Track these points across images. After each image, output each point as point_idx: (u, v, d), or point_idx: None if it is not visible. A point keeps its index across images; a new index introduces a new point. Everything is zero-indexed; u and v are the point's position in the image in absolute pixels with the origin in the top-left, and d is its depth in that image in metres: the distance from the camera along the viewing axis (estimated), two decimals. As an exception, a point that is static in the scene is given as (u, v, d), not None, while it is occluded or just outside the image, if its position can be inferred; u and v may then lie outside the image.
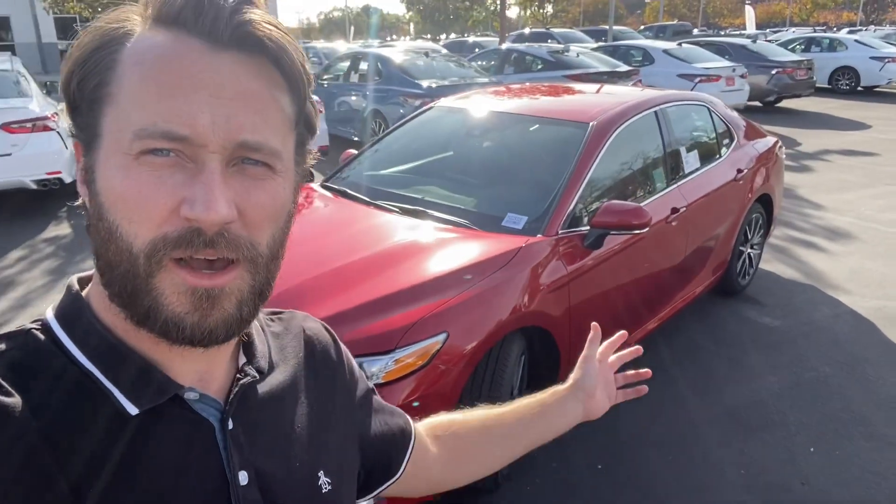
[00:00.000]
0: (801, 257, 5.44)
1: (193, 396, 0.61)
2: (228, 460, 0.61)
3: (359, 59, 9.98)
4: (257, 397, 0.67)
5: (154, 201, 0.52)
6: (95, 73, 0.54)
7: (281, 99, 0.57)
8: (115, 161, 0.53)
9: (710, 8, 62.09)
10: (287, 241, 0.63)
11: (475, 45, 19.03)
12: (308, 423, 0.71)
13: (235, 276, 0.56)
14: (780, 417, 3.29)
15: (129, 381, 0.58)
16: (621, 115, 3.49)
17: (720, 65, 12.00)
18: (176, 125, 0.52)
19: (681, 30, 24.86)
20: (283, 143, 0.58)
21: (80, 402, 0.56)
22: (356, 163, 3.90)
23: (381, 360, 2.31)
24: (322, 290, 2.57)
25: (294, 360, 0.75)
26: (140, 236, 0.53)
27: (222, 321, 0.56)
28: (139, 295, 0.54)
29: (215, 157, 0.53)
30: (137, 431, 0.57)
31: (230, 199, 0.53)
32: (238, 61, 0.54)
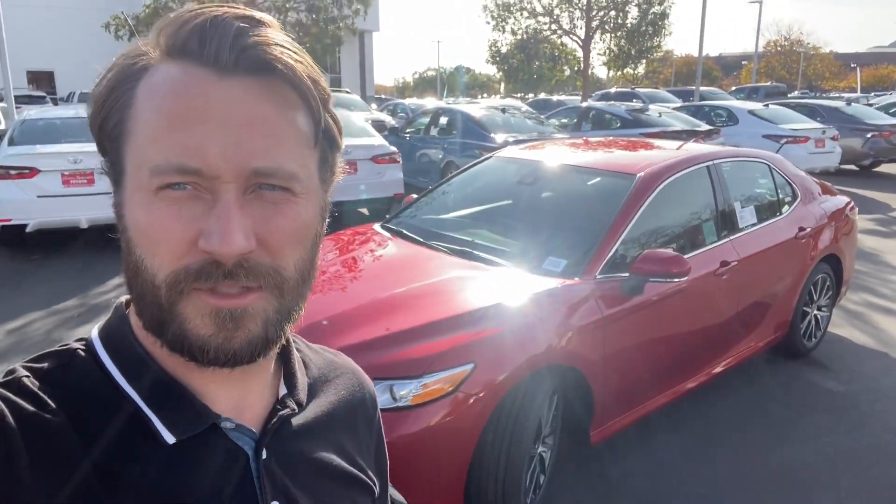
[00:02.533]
0: (878, 324, 5.19)
1: (230, 426, 0.62)
2: (261, 489, 0.62)
3: (439, 114, 10.45)
4: (292, 429, 0.67)
5: (173, 235, 0.53)
6: (116, 111, 0.56)
7: (296, 118, 0.57)
8: (137, 197, 0.55)
9: (811, 70, 60.31)
10: (318, 262, 0.63)
11: (559, 104, 19.37)
12: (340, 462, 0.72)
13: (259, 297, 0.56)
14: (832, 481, 3.16)
15: (168, 408, 0.59)
16: (669, 169, 3.57)
17: (808, 126, 11.68)
18: (187, 159, 0.52)
19: (774, 91, 24.29)
20: (300, 164, 0.57)
21: (121, 426, 0.57)
22: (416, 206, 4.14)
23: (410, 384, 2.46)
24: (364, 317, 2.77)
25: (334, 397, 0.75)
26: (162, 269, 0.54)
27: (247, 342, 0.56)
28: (166, 323, 0.56)
29: (230, 186, 0.53)
30: (175, 458, 0.58)
31: (248, 229, 0.53)
32: (246, 86, 0.54)
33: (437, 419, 2.45)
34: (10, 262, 6.74)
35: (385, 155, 8.01)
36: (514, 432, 2.61)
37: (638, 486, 3.11)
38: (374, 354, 2.56)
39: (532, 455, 2.75)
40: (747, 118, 12.09)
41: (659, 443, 3.46)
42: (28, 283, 6.05)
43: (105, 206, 3.82)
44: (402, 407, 2.44)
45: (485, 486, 2.58)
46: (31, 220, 6.53)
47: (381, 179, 7.91)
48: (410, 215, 4.05)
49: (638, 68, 26.19)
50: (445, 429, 2.46)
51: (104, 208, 6.73)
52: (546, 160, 3.94)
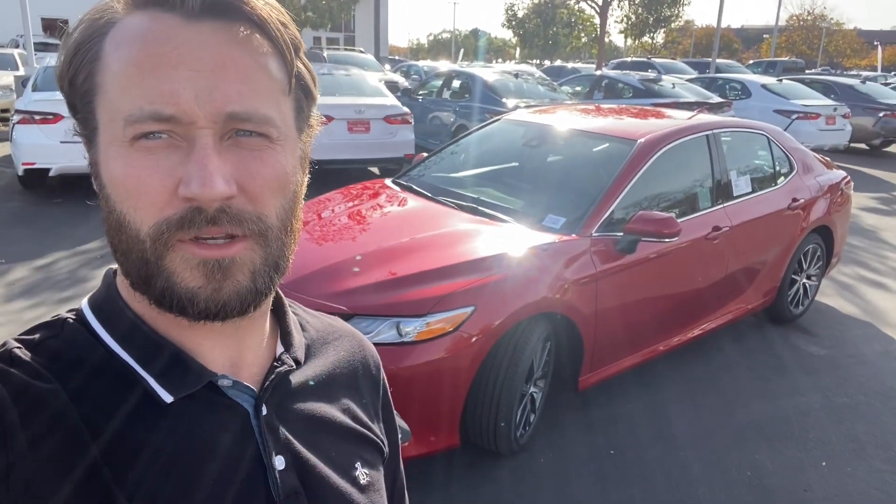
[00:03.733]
0: (866, 296, 5.39)
1: (227, 383, 0.62)
2: (264, 445, 0.62)
3: (452, 77, 10.54)
4: (292, 386, 0.68)
5: (152, 186, 0.52)
6: (83, 66, 0.55)
7: (267, 64, 0.56)
8: (113, 150, 0.54)
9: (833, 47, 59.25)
10: (301, 214, 0.63)
11: (574, 71, 19.30)
12: (344, 419, 0.72)
13: (245, 247, 0.55)
14: (801, 433, 3.41)
15: (163, 369, 0.59)
16: (669, 136, 3.74)
17: (820, 103, 11.70)
18: (160, 105, 0.51)
19: (793, 67, 24.04)
20: (276, 110, 0.57)
21: (117, 390, 0.57)
22: (426, 164, 4.33)
23: (415, 322, 2.70)
24: (375, 261, 2.99)
25: (334, 358, 0.75)
26: (145, 222, 0.53)
27: (235, 293, 0.56)
28: (153, 277, 0.55)
29: (206, 132, 0.53)
30: (174, 418, 0.58)
31: (227, 174, 0.53)
32: (215, 30, 0.53)
33: (438, 355, 2.69)
34: (34, 205, 6.99)
35: (397, 115, 8.14)
36: (508, 370, 2.85)
37: (620, 430, 3.36)
38: (383, 294, 2.79)
39: (524, 393, 3.00)
40: (760, 92, 12.10)
41: (641, 393, 3.70)
42: (51, 225, 6.31)
43: None
44: (406, 342, 2.68)
45: (479, 418, 2.84)
46: (55, 165, 6.75)
47: (392, 139, 8.07)
48: (421, 172, 4.25)
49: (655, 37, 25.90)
50: (445, 364, 2.71)
51: None
52: (552, 124, 4.11)
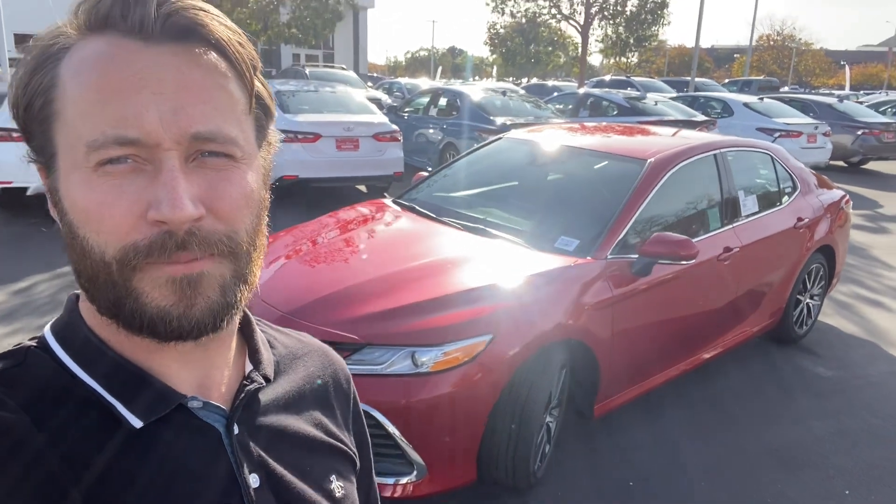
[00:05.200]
0: (866, 315, 5.37)
1: (197, 405, 0.61)
2: (237, 464, 0.61)
3: (438, 95, 10.47)
4: (262, 403, 0.67)
5: (117, 210, 0.52)
6: (39, 93, 0.54)
7: (227, 84, 0.56)
8: (74, 177, 0.53)
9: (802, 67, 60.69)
10: (265, 230, 0.63)
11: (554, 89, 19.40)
12: (316, 433, 0.72)
13: (214, 262, 0.55)
14: (819, 460, 3.32)
15: (131, 394, 0.58)
16: (679, 155, 3.67)
17: (802, 121, 11.86)
18: (124, 129, 0.51)
19: (767, 85, 24.50)
20: (239, 129, 0.57)
21: (85, 418, 0.56)
22: (427, 183, 4.21)
23: (431, 351, 2.56)
24: (383, 288, 2.85)
25: (303, 373, 0.75)
26: (110, 245, 0.53)
27: (207, 309, 0.56)
28: (121, 299, 0.54)
29: (172, 154, 0.52)
30: (145, 443, 0.57)
31: (195, 196, 0.53)
32: (175, 53, 0.53)
33: (455, 386, 2.55)
34: (10, 225, 6.73)
35: (386, 133, 8.04)
36: (527, 401, 2.72)
37: (637, 458, 3.24)
38: (396, 322, 2.65)
39: (541, 424, 2.86)
40: (742, 111, 12.23)
41: (656, 420, 3.59)
42: (29, 246, 6.06)
43: None
44: (422, 373, 2.54)
45: (497, 451, 2.70)
46: (32, 184, 6.50)
47: (381, 157, 7.95)
48: (422, 192, 4.12)
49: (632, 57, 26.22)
50: (463, 395, 2.57)
51: None
52: (557, 143, 4.02)
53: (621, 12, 21.12)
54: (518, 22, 22.61)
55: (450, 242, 3.31)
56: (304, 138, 7.35)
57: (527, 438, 2.72)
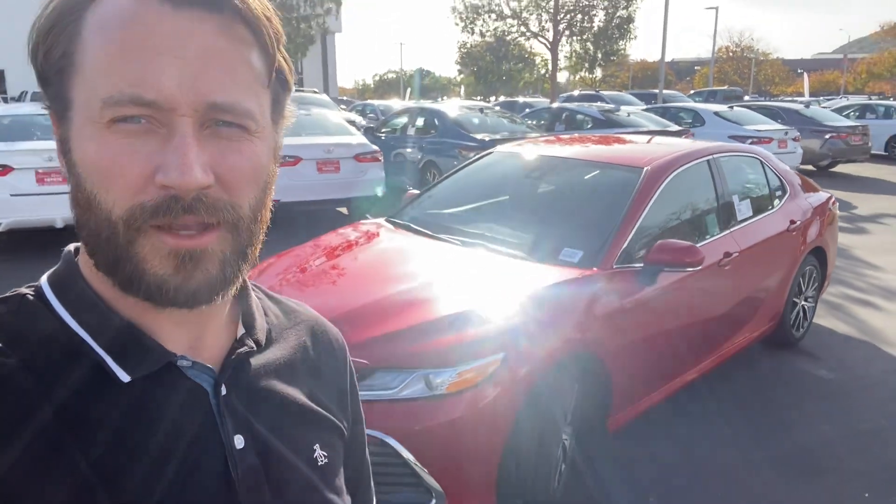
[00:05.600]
0: (857, 314, 5.39)
1: (186, 364, 0.61)
2: (223, 424, 0.61)
3: (416, 114, 10.45)
4: (252, 367, 0.67)
5: (128, 170, 0.52)
6: (60, 42, 0.54)
7: (249, 55, 0.56)
8: (87, 131, 0.53)
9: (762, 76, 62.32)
10: (270, 204, 0.63)
11: (525, 105, 19.57)
12: (304, 401, 0.71)
13: (217, 237, 0.55)
14: (835, 464, 3.27)
15: (121, 349, 0.58)
16: (674, 162, 3.65)
17: (772, 127, 12.08)
18: (142, 89, 0.51)
19: (732, 95, 25.01)
20: (256, 102, 0.57)
21: (75, 368, 0.57)
22: (419, 201, 4.13)
23: (445, 373, 2.46)
24: (391, 308, 2.75)
25: (295, 342, 0.75)
26: (118, 204, 0.53)
27: (205, 282, 0.56)
28: (121, 261, 0.54)
29: (186, 120, 0.52)
30: (132, 398, 0.57)
31: (205, 164, 0.53)
32: (201, 19, 0.53)
33: (471, 407, 2.45)
34: (-20, 263, 6.48)
35: (367, 153, 7.96)
36: (545, 419, 2.64)
37: (653, 471, 3.16)
38: (406, 344, 2.55)
39: (559, 441, 2.77)
40: (713, 119, 12.43)
41: (666, 432, 3.52)
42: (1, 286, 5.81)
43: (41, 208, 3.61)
44: (437, 395, 2.44)
45: (516, 472, 2.60)
46: (4, 220, 6.28)
47: (363, 178, 7.86)
48: (415, 210, 4.04)
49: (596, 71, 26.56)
50: (479, 416, 2.47)
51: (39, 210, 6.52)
52: (550, 155, 3.98)
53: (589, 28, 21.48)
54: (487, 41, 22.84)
55: (451, 259, 3.22)
56: (284, 162, 7.23)
57: (546, 457, 2.63)
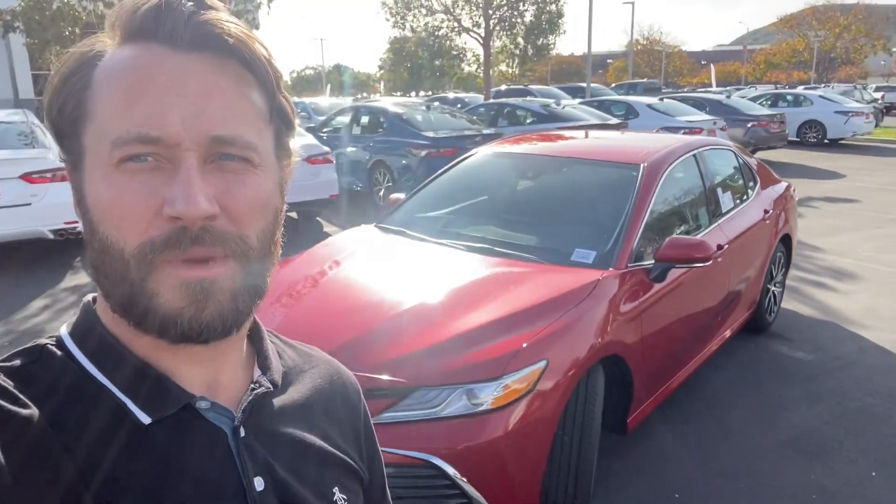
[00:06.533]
0: (814, 296, 5.65)
1: (205, 405, 0.62)
2: (243, 467, 0.62)
3: (360, 113, 10.21)
4: (269, 409, 0.68)
5: (137, 206, 0.54)
6: (73, 95, 0.57)
7: (250, 93, 0.58)
8: (98, 174, 0.55)
9: (671, 68, 65.00)
10: (280, 238, 0.64)
11: (457, 101, 19.57)
12: (321, 444, 0.72)
13: (227, 269, 0.57)
14: (836, 445, 3.39)
15: (141, 391, 0.59)
16: (668, 157, 3.68)
17: (702, 118, 12.56)
18: (148, 128, 0.53)
19: (651, 87, 25.93)
20: (258, 137, 0.59)
21: (96, 414, 0.57)
22: (407, 206, 3.99)
23: (490, 386, 2.36)
24: (418, 321, 2.63)
25: (311, 385, 0.75)
26: (129, 242, 0.54)
27: (218, 314, 0.57)
28: (135, 298, 0.56)
29: (191, 154, 0.54)
30: (153, 440, 0.58)
31: (210, 195, 0.54)
32: (202, 61, 0.56)
33: (517, 420, 2.37)
34: None
35: (319, 155, 7.71)
36: (584, 425, 2.59)
37: (670, 467, 3.17)
38: (446, 358, 2.44)
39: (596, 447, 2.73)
40: (646, 111, 12.80)
41: (670, 427, 3.55)
42: (-69, 312, 5.27)
43: (12, 221, 3.47)
44: (482, 411, 2.34)
45: (559, 481, 2.54)
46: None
47: (316, 180, 7.61)
48: (405, 215, 3.90)
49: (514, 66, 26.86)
50: (525, 429, 2.39)
51: (11, 222, 6.05)
52: (541, 153, 3.94)
53: (519, 22, 21.68)
54: (420, 37, 22.69)
55: (461, 266, 3.12)
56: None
57: (588, 463, 2.58)
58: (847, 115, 17.20)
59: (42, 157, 6.20)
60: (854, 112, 17.33)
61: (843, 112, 17.32)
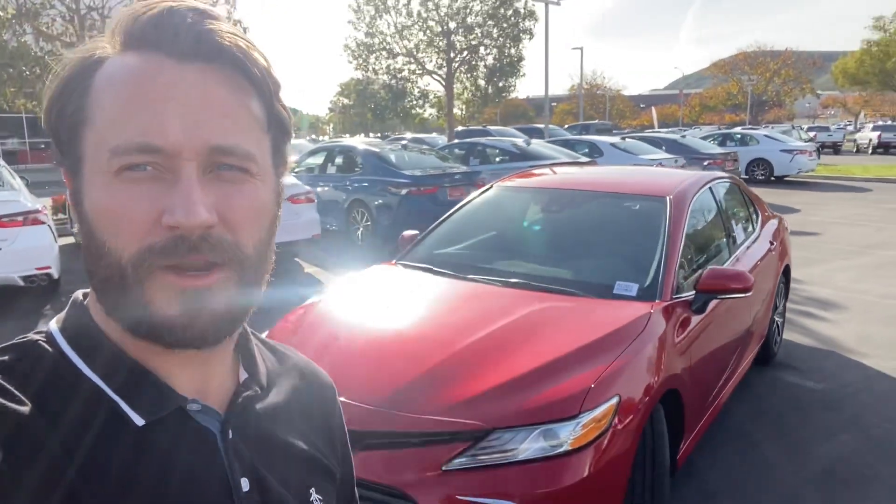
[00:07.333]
0: (808, 326, 5.76)
1: (196, 407, 0.63)
2: (230, 467, 0.63)
3: (335, 153, 10.10)
4: (254, 411, 0.69)
5: (136, 214, 0.54)
6: (72, 100, 0.57)
7: (249, 103, 0.59)
8: (97, 181, 0.56)
9: (614, 110, 67.40)
10: (274, 247, 0.65)
11: (418, 141, 19.68)
12: (300, 445, 0.73)
13: (222, 277, 0.57)
14: (872, 472, 3.39)
15: (134, 392, 0.59)
16: (691, 189, 3.71)
17: (663, 156, 12.94)
18: (149, 137, 0.54)
19: (603, 128, 26.73)
20: (257, 147, 0.60)
21: (89, 413, 0.57)
22: (426, 242, 3.89)
23: (568, 425, 2.26)
24: (480, 360, 2.52)
25: (289, 387, 0.76)
26: (127, 248, 0.55)
27: (211, 322, 0.57)
28: (130, 303, 0.56)
29: (190, 164, 0.55)
30: (145, 441, 0.58)
31: (209, 204, 0.55)
32: (203, 71, 0.56)
33: (596, 461, 2.27)
34: None
35: (301, 194, 7.56)
36: (655, 464, 2.50)
37: (720, 503, 3.11)
38: (521, 396, 2.33)
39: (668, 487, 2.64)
40: (610, 150, 13.12)
41: (707, 462, 3.50)
42: None
43: None
44: (560, 454, 2.22)
45: (634, 527, 2.43)
46: None
47: (298, 220, 7.43)
48: (424, 252, 3.80)
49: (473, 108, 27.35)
50: (603, 471, 2.29)
51: None
52: (564, 187, 3.92)
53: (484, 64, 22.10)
54: (384, 80, 22.87)
55: (502, 301, 3.03)
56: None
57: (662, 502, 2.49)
58: (792, 154, 18.04)
59: (13, 200, 5.86)
60: (798, 150, 18.21)
61: (788, 150, 18.17)
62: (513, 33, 21.98)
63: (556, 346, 2.58)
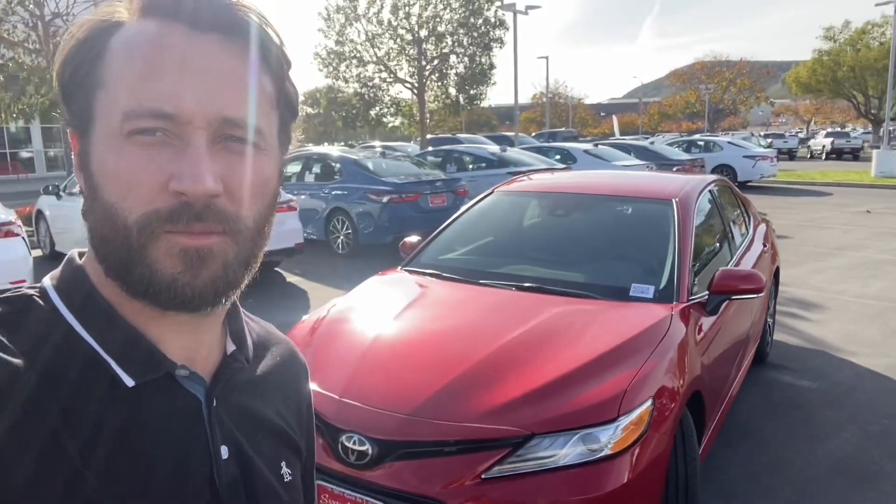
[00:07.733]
0: (794, 326, 5.87)
1: (184, 373, 0.64)
2: (212, 434, 0.64)
3: (312, 161, 9.97)
4: (238, 383, 0.70)
5: (144, 178, 0.55)
6: (87, 61, 0.58)
7: (262, 78, 0.61)
8: (107, 143, 0.57)
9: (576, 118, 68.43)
10: (273, 220, 0.66)
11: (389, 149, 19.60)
12: (275, 419, 0.74)
13: (221, 241, 0.58)
14: (877, 468, 3.45)
15: (126, 354, 0.60)
16: (693, 192, 3.73)
17: (636, 162, 13.14)
18: (162, 104, 0.55)
19: (569, 135, 27.17)
20: (266, 122, 0.61)
21: (80, 370, 0.58)
22: (432, 247, 3.83)
23: (608, 429, 2.23)
24: (509, 364, 2.47)
25: (270, 362, 0.78)
26: (133, 211, 0.56)
27: (211, 281, 0.58)
28: (133, 264, 0.57)
29: (201, 133, 0.56)
30: (133, 402, 0.59)
31: (216, 174, 0.56)
32: (219, 43, 0.57)
33: (635, 465, 2.24)
34: None
35: (283, 202, 7.41)
36: (689, 465, 2.48)
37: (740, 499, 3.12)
38: (559, 400, 2.29)
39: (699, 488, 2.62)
40: (583, 157, 13.26)
41: (717, 462, 3.51)
42: None
43: None
44: (601, 458, 2.19)
45: (670, 530, 2.41)
46: None
47: (281, 229, 7.27)
48: (430, 257, 3.74)
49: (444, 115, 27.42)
50: (642, 475, 2.26)
51: None
52: (568, 190, 3.91)
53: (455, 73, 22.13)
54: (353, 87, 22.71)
55: (522, 305, 3.00)
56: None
57: None
58: (755, 160, 18.51)
59: (-15, 211, 5.60)
60: (760, 156, 18.70)
61: (751, 157, 18.64)
62: (483, 42, 22.13)
63: (583, 349, 2.55)
